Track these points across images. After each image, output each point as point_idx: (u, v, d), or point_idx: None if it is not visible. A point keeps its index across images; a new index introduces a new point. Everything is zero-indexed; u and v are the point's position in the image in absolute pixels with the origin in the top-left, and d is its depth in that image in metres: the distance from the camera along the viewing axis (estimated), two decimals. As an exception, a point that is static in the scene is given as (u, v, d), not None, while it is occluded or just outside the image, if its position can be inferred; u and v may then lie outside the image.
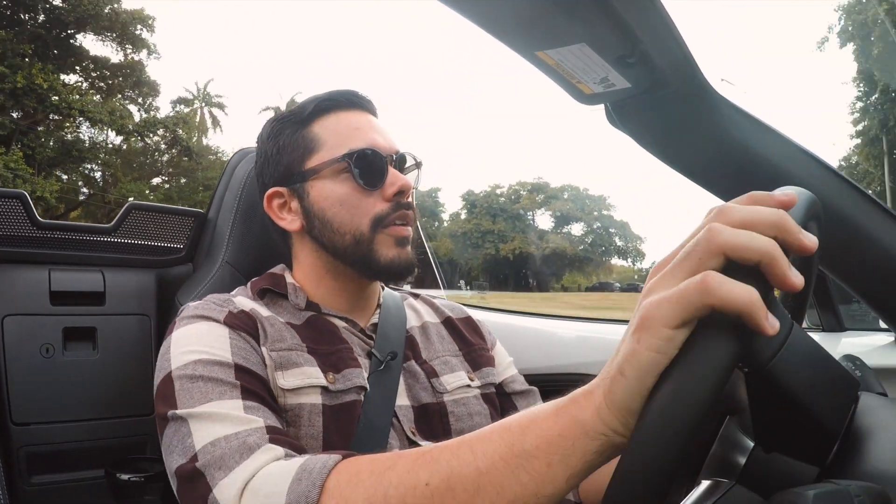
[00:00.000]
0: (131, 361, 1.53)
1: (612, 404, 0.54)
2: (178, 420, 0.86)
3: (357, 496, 0.68)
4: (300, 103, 1.12)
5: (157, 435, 0.90)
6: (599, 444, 0.56)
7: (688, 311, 0.49)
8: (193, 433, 0.84)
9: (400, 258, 1.05)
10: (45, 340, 1.45)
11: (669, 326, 0.50)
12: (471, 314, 1.30)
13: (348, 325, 1.08)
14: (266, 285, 1.08)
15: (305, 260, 1.12)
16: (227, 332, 0.95)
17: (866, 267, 1.08)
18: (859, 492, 0.51)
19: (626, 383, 0.52)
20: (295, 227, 1.09)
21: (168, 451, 0.86)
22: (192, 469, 0.81)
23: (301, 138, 1.08)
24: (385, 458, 0.71)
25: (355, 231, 1.03)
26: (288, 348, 0.98)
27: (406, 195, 1.06)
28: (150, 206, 1.61)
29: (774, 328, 0.48)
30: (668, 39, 0.93)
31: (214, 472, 0.79)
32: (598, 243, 60.10)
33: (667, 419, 0.49)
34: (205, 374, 0.89)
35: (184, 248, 1.61)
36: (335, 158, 1.04)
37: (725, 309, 0.48)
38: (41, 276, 1.48)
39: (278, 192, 1.10)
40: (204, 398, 0.86)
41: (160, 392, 0.91)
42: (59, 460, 1.44)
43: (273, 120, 1.13)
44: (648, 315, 0.52)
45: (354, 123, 1.08)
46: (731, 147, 1.07)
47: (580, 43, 0.91)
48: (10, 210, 1.45)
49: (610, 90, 1.03)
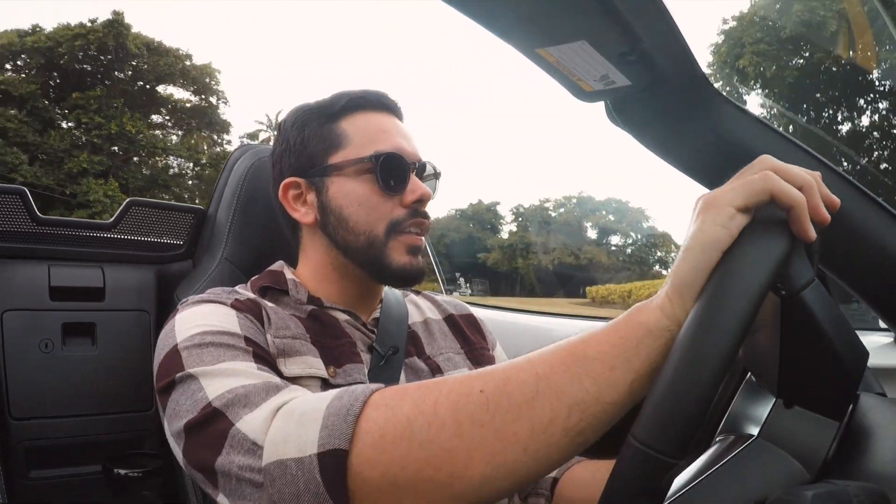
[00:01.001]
0: (130, 357, 1.53)
1: (677, 288, 0.59)
2: (186, 380, 0.81)
3: (404, 405, 0.65)
4: (330, 97, 1.10)
5: (155, 430, 0.88)
6: (664, 341, 0.57)
7: (750, 194, 0.58)
8: (206, 387, 0.78)
9: (411, 265, 1.05)
10: (45, 336, 1.46)
11: (733, 205, 0.58)
12: (472, 312, 1.30)
13: (351, 317, 1.07)
14: (266, 283, 1.07)
15: (314, 255, 1.11)
16: (234, 312, 0.93)
17: (866, 266, 1.08)
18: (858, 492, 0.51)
19: (692, 259, 0.58)
20: (308, 219, 1.07)
21: (173, 415, 0.80)
22: (208, 412, 0.75)
23: (328, 132, 1.06)
24: (433, 380, 0.69)
25: (370, 233, 1.03)
26: (292, 336, 0.97)
27: (424, 204, 1.06)
28: (149, 202, 1.61)
29: (813, 235, 0.57)
30: (668, 37, 0.93)
31: (238, 409, 0.74)
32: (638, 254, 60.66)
33: (726, 297, 0.54)
34: (214, 341, 0.85)
35: (183, 245, 1.61)
36: (361, 158, 1.03)
37: (780, 198, 0.57)
38: (41, 271, 1.49)
39: (296, 182, 1.08)
40: (216, 360, 0.82)
41: (163, 367, 0.86)
42: (58, 455, 1.44)
43: (300, 109, 1.12)
44: (712, 198, 0.59)
45: (382, 126, 1.07)
46: (730, 144, 1.07)
47: (580, 40, 0.91)
48: (11, 206, 1.45)
49: (610, 87, 1.03)
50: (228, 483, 0.72)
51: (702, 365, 0.52)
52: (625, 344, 0.60)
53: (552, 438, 0.59)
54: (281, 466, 0.66)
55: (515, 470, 0.60)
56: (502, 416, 0.60)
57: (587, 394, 0.59)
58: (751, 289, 0.53)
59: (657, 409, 0.52)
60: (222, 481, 0.72)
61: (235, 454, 0.71)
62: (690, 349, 0.53)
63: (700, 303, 0.56)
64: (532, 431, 0.59)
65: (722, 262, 0.57)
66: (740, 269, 0.55)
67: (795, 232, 0.57)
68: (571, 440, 0.60)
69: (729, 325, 0.52)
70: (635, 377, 0.59)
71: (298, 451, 0.66)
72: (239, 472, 0.70)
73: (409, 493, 0.62)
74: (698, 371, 0.52)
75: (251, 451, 0.69)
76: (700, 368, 0.52)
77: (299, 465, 0.65)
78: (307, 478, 0.65)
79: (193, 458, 0.76)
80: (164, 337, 0.91)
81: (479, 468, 0.60)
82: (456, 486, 0.61)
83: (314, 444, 0.65)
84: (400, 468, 0.62)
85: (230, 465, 0.71)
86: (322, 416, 0.67)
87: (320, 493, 0.64)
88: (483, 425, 0.61)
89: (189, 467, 0.78)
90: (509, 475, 0.60)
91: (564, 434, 0.59)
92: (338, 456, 0.64)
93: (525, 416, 0.60)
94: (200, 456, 0.75)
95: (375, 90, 1.10)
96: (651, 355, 0.58)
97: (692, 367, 0.52)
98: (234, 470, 0.70)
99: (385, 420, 0.65)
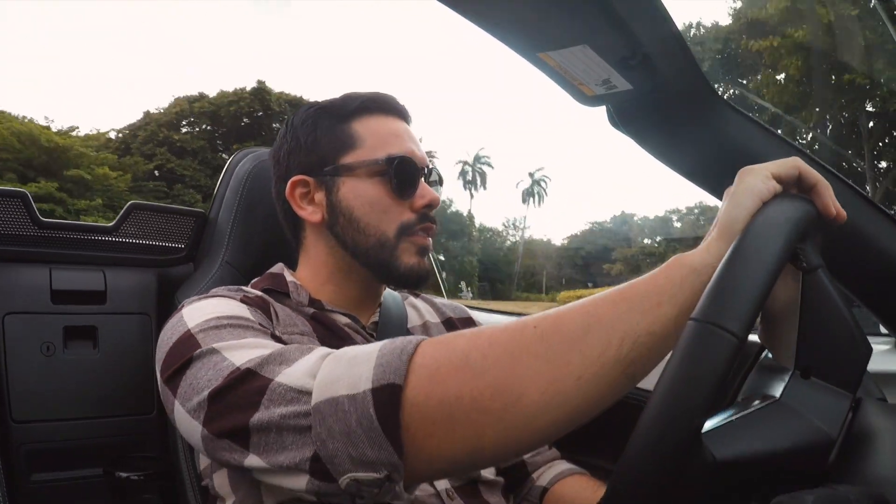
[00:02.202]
0: (132, 360, 1.53)
1: (723, 228, 0.65)
2: (206, 354, 0.79)
3: (459, 341, 0.66)
4: (341, 97, 1.10)
5: (156, 434, 0.87)
6: (708, 277, 0.59)
7: (782, 166, 0.68)
8: (230, 357, 0.76)
9: (419, 266, 1.05)
10: (46, 339, 1.45)
11: (769, 170, 0.67)
12: (471, 315, 1.29)
13: (351, 321, 1.07)
14: (267, 286, 1.07)
15: (317, 255, 1.10)
16: (244, 305, 0.93)
17: (867, 271, 1.08)
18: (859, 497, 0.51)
19: (736, 202, 0.65)
20: (315, 218, 1.07)
21: (190, 391, 0.77)
22: (237, 375, 0.73)
23: (340, 132, 1.06)
24: (483, 326, 0.71)
25: (380, 235, 1.03)
26: (300, 333, 0.97)
27: (433, 209, 1.07)
28: (151, 205, 1.61)
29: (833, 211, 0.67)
30: (669, 41, 0.93)
31: (274, 366, 0.72)
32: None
33: (762, 237, 0.60)
34: (231, 323, 0.84)
35: (185, 248, 1.61)
36: (374, 160, 1.03)
37: (807, 175, 0.68)
38: (42, 274, 1.48)
39: (304, 180, 1.07)
40: (238, 337, 0.81)
41: (174, 353, 0.83)
42: (59, 458, 1.44)
43: (311, 108, 1.11)
44: (749, 168, 0.68)
45: (395, 130, 1.07)
46: (732, 149, 1.07)
47: (582, 45, 0.91)
48: (12, 209, 1.45)
49: (611, 92, 1.03)
50: (265, 438, 0.70)
51: (756, 257, 0.58)
52: (671, 282, 0.64)
53: (604, 369, 0.61)
54: (332, 404, 0.66)
55: (569, 400, 0.61)
56: (556, 346, 0.62)
57: (637, 325, 0.61)
58: (790, 219, 0.62)
59: (715, 290, 0.56)
60: (256, 439, 0.71)
61: (276, 406, 0.69)
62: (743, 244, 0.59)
63: (748, 226, 0.62)
64: (585, 360, 0.61)
65: (762, 208, 0.64)
66: (780, 206, 0.64)
67: (819, 206, 0.67)
68: (623, 370, 0.61)
69: (776, 235, 0.60)
70: (681, 312, 0.62)
71: (351, 389, 0.66)
72: (281, 421, 0.69)
73: (463, 425, 0.63)
74: (753, 257, 0.58)
75: (295, 399, 0.69)
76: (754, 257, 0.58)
77: (352, 401, 0.65)
78: (360, 413, 0.64)
79: (221, 423, 0.73)
80: (170, 327, 0.89)
81: (534, 397, 0.61)
82: (510, 416, 0.62)
83: (368, 381, 0.65)
84: (455, 398, 0.63)
85: (270, 417, 0.69)
86: (375, 357, 0.67)
87: (374, 427, 0.64)
88: (537, 356, 0.62)
89: (211, 440, 0.75)
90: (563, 405, 0.61)
91: (616, 363, 0.61)
92: (393, 390, 0.64)
93: (578, 347, 0.62)
94: (231, 419, 0.72)
95: (385, 93, 1.11)
96: (696, 292, 0.61)
97: (748, 256, 0.58)
98: (276, 420, 0.69)
99: (441, 354, 0.66)
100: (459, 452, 0.64)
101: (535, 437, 0.63)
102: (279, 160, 1.11)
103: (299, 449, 0.68)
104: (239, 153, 1.44)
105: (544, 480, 1.14)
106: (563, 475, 1.14)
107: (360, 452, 0.64)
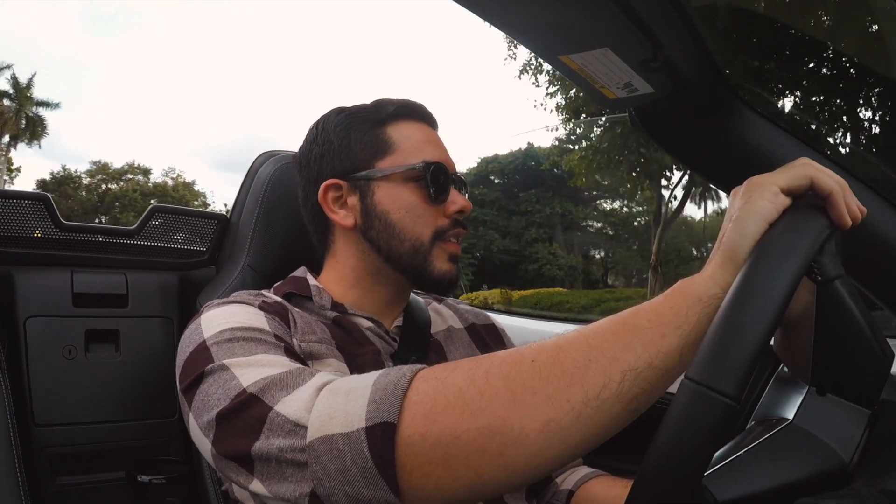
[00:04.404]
0: (154, 363, 1.54)
1: (727, 255, 0.63)
2: (217, 371, 0.79)
3: (455, 376, 0.65)
4: (373, 103, 1.10)
5: (179, 437, 0.87)
6: (713, 308, 0.59)
7: (792, 177, 0.64)
8: (239, 376, 0.77)
9: (451, 272, 1.06)
10: (68, 342, 1.46)
11: (777, 185, 0.63)
12: (494, 321, 1.29)
13: (374, 325, 1.06)
14: (290, 289, 1.07)
15: (346, 260, 1.09)
16: (261, 313, 0.93)
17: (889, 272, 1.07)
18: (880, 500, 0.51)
19: (741, 228, 0.62)
20: (348, 223, 1.06)
21: (202, 407, 0.78)
22: (243, 398, 0.73)
23: (375, 137, 1.06)
24: (481, 355, 0.70)
25: (415, 240, 1.03)
26: (318, 341, 0.96)
27: (464, 215, 1.07)
28: (172, 208, 1.62)
29: (849, 220, 0.63)
30: (691, 44, 0.92)
31: (274, 392, 0.72)
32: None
33: (772, 264, 0.57)
34: (245, 336, 0.84)
35: (206, 251, 1.62)
36: (410, 165, 1.03)
37: (820, 184, 0.63)
38: (64, 277, 1.49)
39: (337, 184, 1.07)
40: (247, 353, 0.81)
41: (190, 364, 0.84)
42: (82, 462, 1.45)
43: (342, 112, 1.11)
44: (757, 179, 0.65)
45: (427, 137, 1.08)
46: (754, 153, 1.06)
47: (603, 47, 0.91)
48: (35, 212, 1.46)
49: (633, 95, 1.03)
50: (267, 467, 0.70)
51: (757, 304, 0.54)
52: (674, 312, 0.61)
53: (605, 405, 0.60)
54: (327, 442, 0.66)
55: (569, 438, 0.60)
56: (555, 382, 0.61)
57: (639, 360, 0.60)
58: (798, 248, 0.58)
59: (712, 347, 0.53)
60: (259, 466, 0.71)
61: (275, 437, 0.69)
62: (744, 287, 0.55)
63: (752, 259, 0.58)
64: (585, 397, 0.60)
65: (768, 231, 0.61)
66: (786, 235, 0.59)
67: (833, 216, 0.63)
68: (624, 407, 0.60)
69: (780, 273, 0.56)
70: (685, 343, 0.60)
71: (345, 427, 0.65)
72: (279, 454, 0.69)
73: (461, 465, 0.62)
74: (753, 307, 0.54)
75: (293, 431, 0.68)
76: (755, 306, 0.54)
77: (346, 440, 0.65)
78: (354, 452, 0.64)
79: (226, 446, 0.74)
80: (188, 336, 0.90)
81: (533, 436, 0.60)
82: (509, 455, 0.61)
83: (361, 419, 0.65)
84: (452, 438, 0.62)
85: (269, 448, 0.69)
86: (369, 392, 0.66)
87: (368, 467, 0.63)
88: (536, 392, 0.61)
89: (220, 459, 0.76)
90: (563, 443, 0.60)
91: (617, 400, 0.60)
92: (386, 429, 0.63)
93: (578, 383, 0.60)
94: (235, 444, 0.73)
95: (415, 101, 1.11)
96: (701, 322, 0.60)
97: (748, 304, 0.54)
98: (274, 452, 0.69)
99: (436, 391, 0.64)
100: (459, 489, 0.63)
101: (537, 472, 0.62)
102: (309, 164, 1.11)
103: (298, 483, 0.68)
104: (261, 156, 1.44)
105: (569, 483, 1.14)
106: (588, 477, 1.13)
107: (356, 491, 0.64)
